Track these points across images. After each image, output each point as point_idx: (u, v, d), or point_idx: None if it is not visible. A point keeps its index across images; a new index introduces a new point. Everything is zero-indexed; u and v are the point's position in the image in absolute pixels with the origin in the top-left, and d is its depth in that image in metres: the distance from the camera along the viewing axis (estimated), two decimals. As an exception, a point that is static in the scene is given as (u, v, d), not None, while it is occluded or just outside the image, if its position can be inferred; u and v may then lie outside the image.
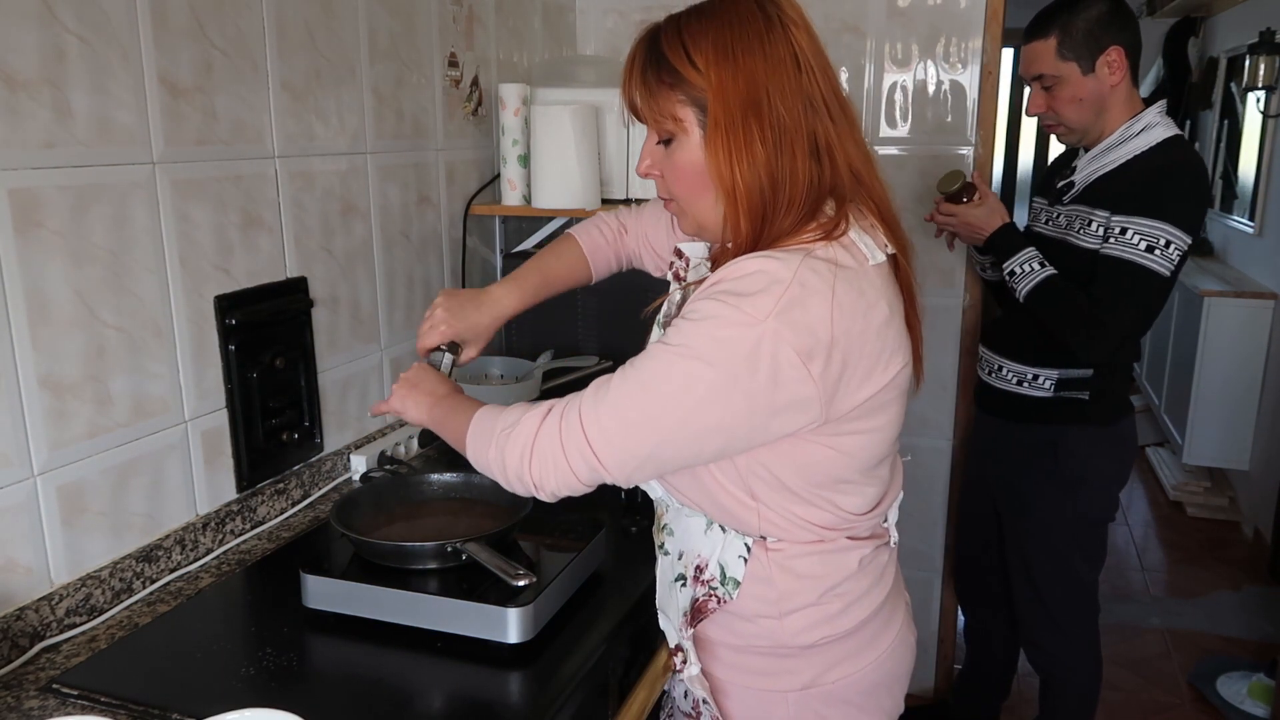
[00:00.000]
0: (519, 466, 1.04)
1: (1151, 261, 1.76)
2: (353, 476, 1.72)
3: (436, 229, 1.99)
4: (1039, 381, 1.97)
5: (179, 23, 1.32)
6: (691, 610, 1.15)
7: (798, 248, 1.01)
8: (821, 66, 1.03)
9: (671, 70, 1.02)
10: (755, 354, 0.94)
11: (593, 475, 1.02)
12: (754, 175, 0.99)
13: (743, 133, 0.99)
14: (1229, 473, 4.23)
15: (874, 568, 1.16)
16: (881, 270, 1.06)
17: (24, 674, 1.13)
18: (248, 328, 1.47)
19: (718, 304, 0.97)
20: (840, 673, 1.14)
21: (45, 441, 1.19)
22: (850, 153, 1.04)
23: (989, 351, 2.10)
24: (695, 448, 1.01)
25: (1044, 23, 1.88)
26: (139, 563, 1.31)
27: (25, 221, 1.14)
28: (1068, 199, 1.95)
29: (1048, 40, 1.87)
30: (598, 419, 1.00)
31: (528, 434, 1.04)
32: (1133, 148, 1.86)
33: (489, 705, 1.09)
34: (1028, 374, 1.98)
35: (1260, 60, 3.94)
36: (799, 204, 1.01)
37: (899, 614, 1.21)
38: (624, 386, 1.00)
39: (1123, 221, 1.79)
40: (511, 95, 2.00)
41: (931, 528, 2.62)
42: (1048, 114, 1.94)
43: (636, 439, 0.99)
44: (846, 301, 0.98)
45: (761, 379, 0.95)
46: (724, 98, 0.99)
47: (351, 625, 1.20)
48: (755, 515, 1.09)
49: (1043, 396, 1.97)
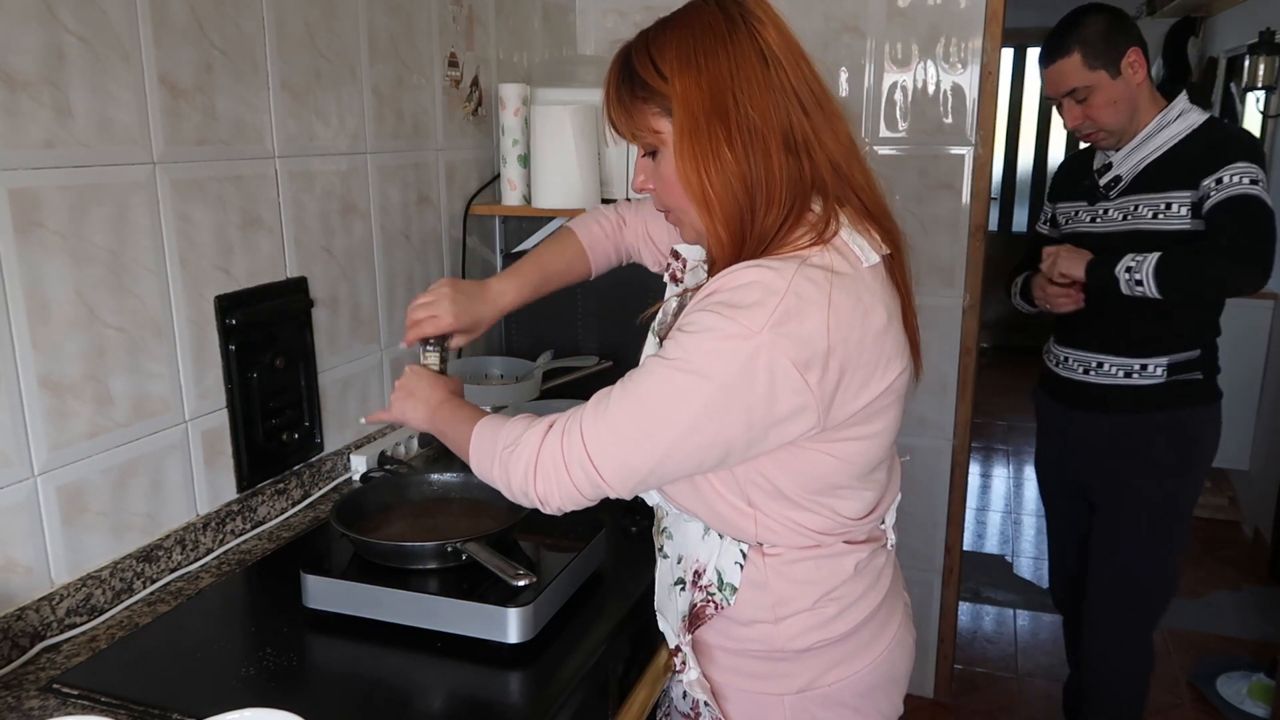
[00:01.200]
0: (523, 483, 1.04)
1: (1260, 193, 1.83)
2: (353, 476, 1.72)
3: (436, 229, 1.99)
4: (1150, 370, 1.99)
5: (179, 23, 1.32)
6: (689, 615, 1.15)
7: (792, 255, 1.00)
8: (793, 60, 1.01)
9: (643, 84, 1.02)
10: (752, 366, 0.94)
11: (596, 490, 1.02)
12: (724, 181, 0.99)
13: (708, 138, 0.98)
14: (1229, 473, 4.22)
15: (870, 571, 1.15)
16: (877, 272, 1.05)
17: (24, 674, 1.13)
18: (248, 328, 1.47)
19: (713, 316, 0.96)
20: (836, 675, 1.14)
21: (45, 441, 1.19)
22: (829, 145, 1.02)
23: (1079, 351, 2.09)
24: (696, 460, 1.00)
25: (1059, 43, 1.95)
26: (139, 563, 1.31)
27: (25, 221, 1.14)
28: (1115, 193, 2.00)
29: (1071, 56, 1.93)
30: (598, 435, 1.00)
31: (530, 452, 1.04)
32: (1175, 132, 1.93)
33: (489, 705, 1.09)
34: (1134, 365, 2.00)
35: (1260, 60, 3.94)
36: (779, 202, 1.00)
37: (896, 615, 1.21)
38: (623, 402, 1.00)
39: (1216, 174, 1.84)
40: (511, 95, 2.00)
41: (932, 528, 2.62)
42: (1085, 123, 1.99)
43: (637, 454, 0.99)
44: (843, 310, 0.98)
45: (759, 391, 0.95)
46: (688, 104, 0.99)
47: (351, 625, 1.20)
48: (752, 522, 1.08)
49: (1156, 384, 1.99)
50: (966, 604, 3.28)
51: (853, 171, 1.05)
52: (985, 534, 3.93)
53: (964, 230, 2.43)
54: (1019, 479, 4.52)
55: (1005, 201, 6.42)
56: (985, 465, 4.66)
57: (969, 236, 2.43)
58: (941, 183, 2.42)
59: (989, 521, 4.05)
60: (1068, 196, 2.15)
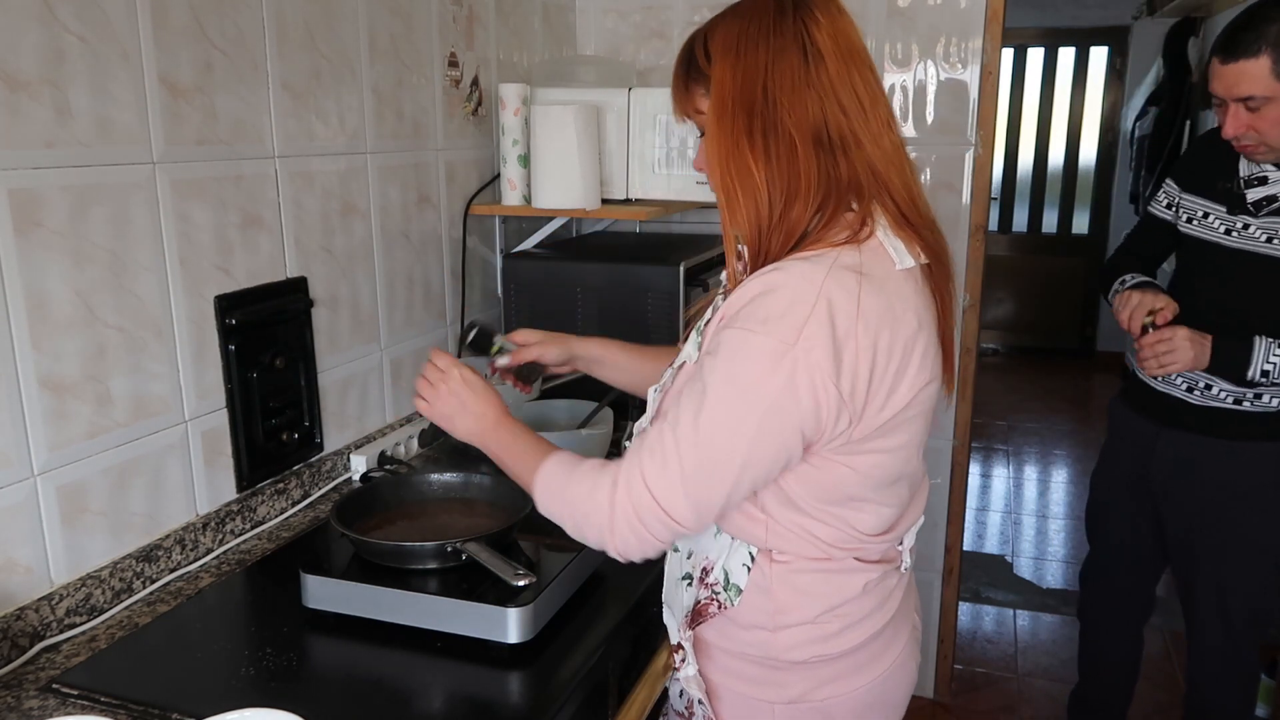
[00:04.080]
0: (599, 541, 1.04)
1: None
2: (353, 476, 1.72)
3: (436, 229, 1.99)
4: (1265, 400, 1.86)
5: (179, 22, 1.32)
6: (692, 611, 1.15)
7: (823, 252, 0.99)
8: (842, 59, 1.00)
9: (695, 64, 1.05)
10: (794, 383, 0.94)
11: (674, 535, 1.02)
12: (742, 171, 0.99)
13: (731, 127, 0.99)
14: (1229, 473, 4.22)
15: (879, 591, 1.13)
16: (911, 276, 1.03)
17: (24, 674, 1.13)
18: (248, 328, 1.47)
19: (745, 334, 0.95)
20: (830, 692, 1.12)
21: (45, 441, 1.19)
22: (868, 148, 1.01)
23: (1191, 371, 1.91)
24: (764, 474, 1.00)
25: (1249, 40, 1.71)
26: (139, 563, 1.31)
27: (25, 221, 1.14)
28: (1265, 213, 1.81)
29: (1259, 59, 1.69)
30: (664, 484, 0.98)
31: (603, 514, 1.02)
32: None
33: (489, 705, 1.09)
34: (1247, 393, 1.86)
35: (1260, 60, 3.93)
36: (806, 199, 0.99)
37: (901, 639, 1.18)
38: (680, 445, 0.98)
39: None
40: (511, 95, 2.00)
41: (932, 528, 2.62)
42: (1248, 134, 1.77)
43: (707, 491, 0.99)
44: (872, 315, 0.96)
45: (805, 404, 0.95)
46: (721, 90, 1.00)
47: (351, 625, 1.20)
48: (764, 528, 1.08)
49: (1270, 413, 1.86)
50: (966, 604, 3.28)
51: (890, 176, 1.03)
52: (985, 534, 3.93)
53: (964, 230, 2.43)
54: (1019, 479, 4.52)
55: (1005, 201, 6.41)
56: (985, 465, 4.65)
57: (969, 236, 2.43)
58: (941, 183, 2.42)
59: (989, 521, 4.05)
60: (1202, 192, 1.92)
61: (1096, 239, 6.28)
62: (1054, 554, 3.75)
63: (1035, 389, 5.93)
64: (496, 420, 1.17)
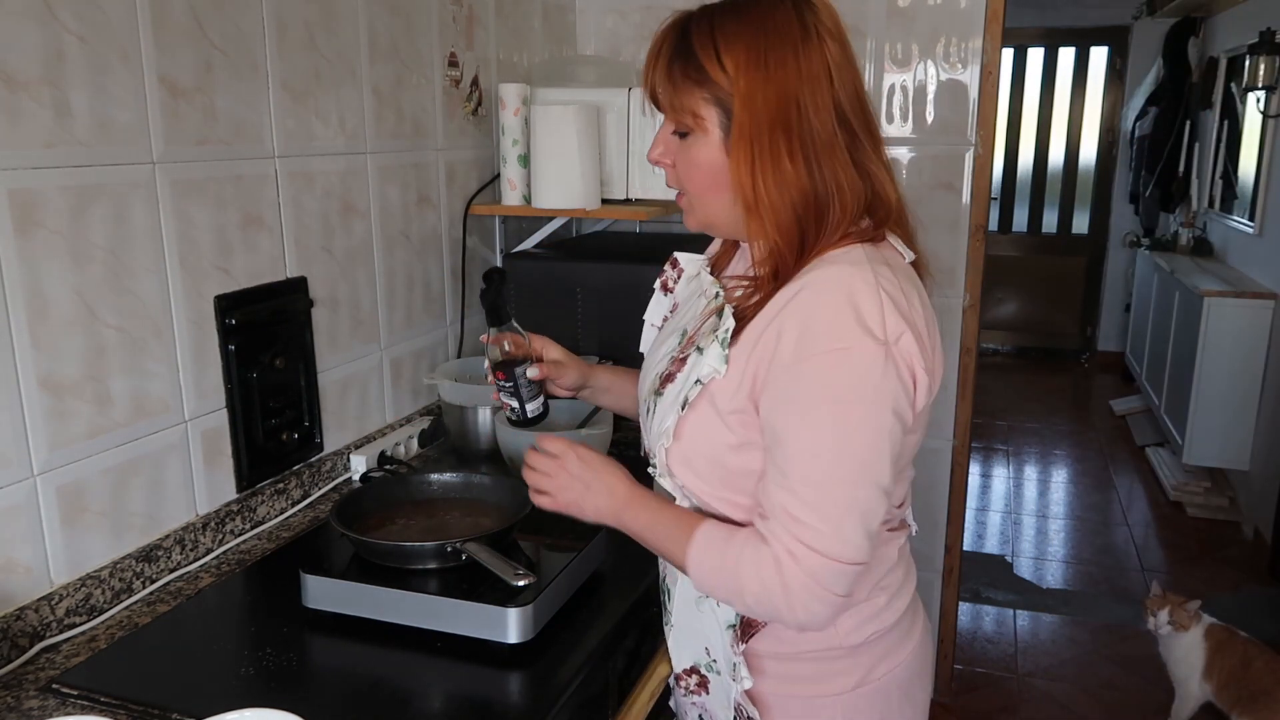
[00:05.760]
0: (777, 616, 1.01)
1: None
2: (352, 476, 1.72)
3: (436, 229, 1.99)
4: None
5: (179, 22, 1.32)
6: (741, 625, 1.10)
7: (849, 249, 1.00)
8: (852, 78, 1.01)
9: (699, 67, 1.00)
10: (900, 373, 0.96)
11: (851, 582, 0.99)
12: (782, 190, 0.98)
13: (769, 145, 0.98)
14: (1229, 473, 4.22)
15: (906, 556, 1.17)
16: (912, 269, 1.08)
17: (24, 674, 1.13)
18: (248, 328, 1.47)
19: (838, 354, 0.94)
20: (886, 667, 1.13)
21: (45, 441, 1.19)
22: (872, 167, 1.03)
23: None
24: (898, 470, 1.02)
25: None
26: (139, 563, 1.31)
27: (25, 221, 1.14)
28: None
29: None
30: (823, 538, 0.95)
31: (776, 593, 0.97)
32: None
33: (489, 705, 1.09)
34: None
35: (1260, 60, 3.94)
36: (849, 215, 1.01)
37: (919, 600, 1.22)
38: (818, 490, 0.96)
39: None
40: (511, 95, 2.00)
41: (932, 528, 2.62)
42: None
43: (864, 522, 0.97)
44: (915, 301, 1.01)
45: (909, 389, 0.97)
46: (751, 107, 0.97)
47: (351, 625, 1.20)
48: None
49: None
50: (966, 604, 3.28)
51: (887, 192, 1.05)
52: (985, 534, 3.93)
53: (964, 230, 2.43)
54: (1019, 479, 4.52)
55: (1005, 201, 6.41)
56: (985, 465, 4.65)
57: (969, 236, 2.43)
58: (941, 183, 2.42)
59: (989, 521, 4.05)
60: None
61: (1097, 239, 6.28)
62: (1054, 554, 3.75)
63: (1035, 389, 5.93)
64: (628, 495, 1.10)
